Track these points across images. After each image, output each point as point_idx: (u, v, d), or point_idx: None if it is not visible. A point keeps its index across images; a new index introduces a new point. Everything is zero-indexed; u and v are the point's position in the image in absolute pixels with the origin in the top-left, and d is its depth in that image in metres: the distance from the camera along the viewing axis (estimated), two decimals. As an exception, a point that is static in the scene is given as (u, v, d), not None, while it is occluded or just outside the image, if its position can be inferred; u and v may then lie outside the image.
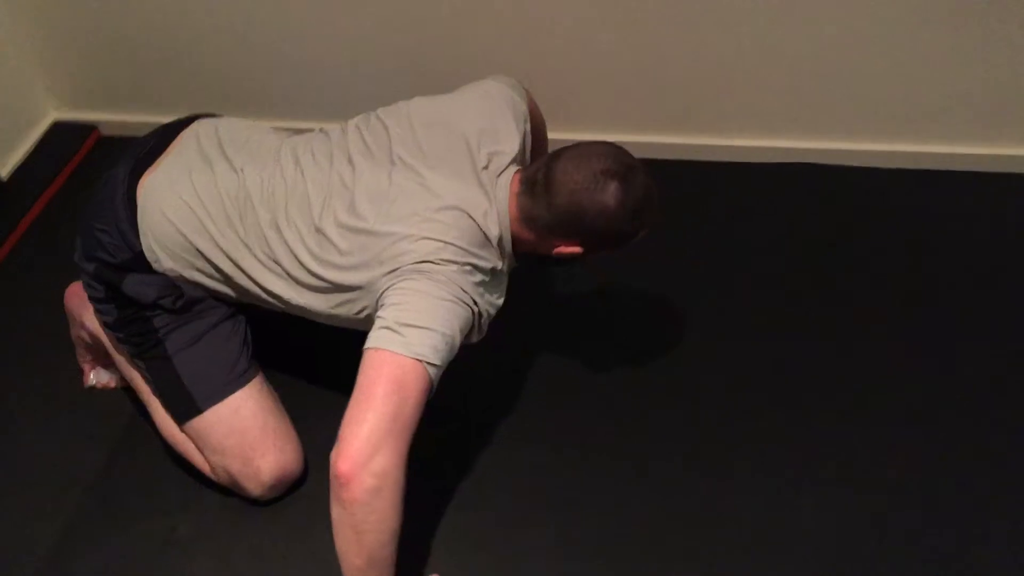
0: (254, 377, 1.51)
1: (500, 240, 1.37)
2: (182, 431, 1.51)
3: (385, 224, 1.31)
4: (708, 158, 2.17)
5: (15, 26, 2.17)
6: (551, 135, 1.80)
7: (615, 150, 1.35)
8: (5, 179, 2.19)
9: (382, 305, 1.28)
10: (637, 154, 1.39)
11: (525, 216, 1.37)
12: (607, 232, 1.35)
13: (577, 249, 1.38)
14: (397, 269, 1.28)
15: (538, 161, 1.39)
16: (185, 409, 1.47)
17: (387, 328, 1.24)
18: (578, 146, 1.36)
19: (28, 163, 2.26)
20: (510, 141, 1.43)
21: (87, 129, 2.36)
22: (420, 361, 1.22)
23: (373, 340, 1.24)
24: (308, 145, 1.45)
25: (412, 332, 1.23)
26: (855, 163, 2.13)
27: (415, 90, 1.58)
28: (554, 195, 1.33)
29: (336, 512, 1.20)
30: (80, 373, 1.73)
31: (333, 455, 1.18)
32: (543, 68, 2.03)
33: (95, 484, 1.57)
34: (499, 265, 1.38)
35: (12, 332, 1.86)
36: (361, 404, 1.20)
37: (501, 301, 1.41)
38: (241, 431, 1.46)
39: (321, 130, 1.51)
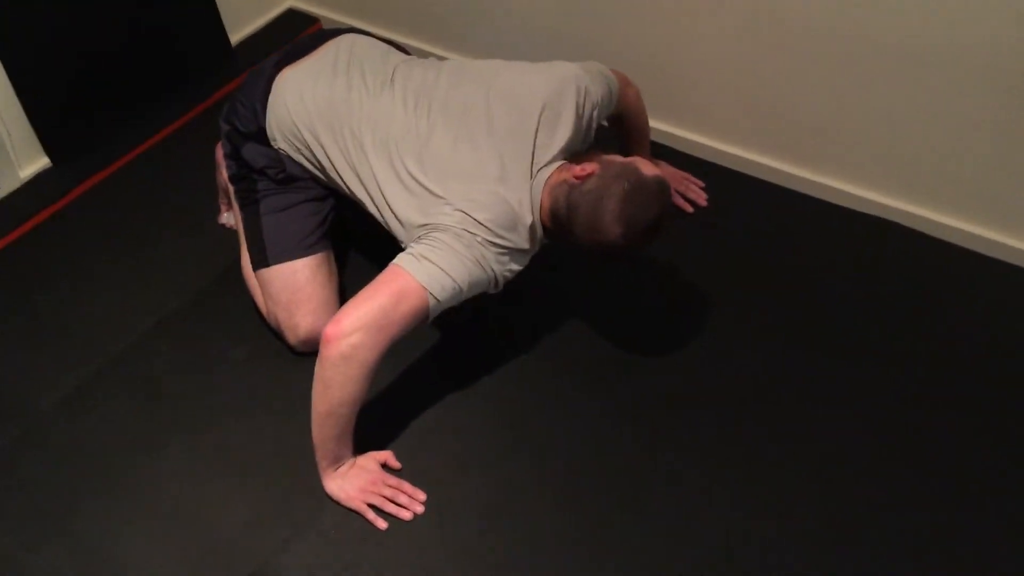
0: (319, 252, 1.82)
1: (532, 226, 1.58)
2: (255, 276, 1.86)
3: (439, 187, 1.57)
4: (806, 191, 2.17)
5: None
6: (677, 131, 2.02)
7: (627, 211, 1.50)
8: (233, 47, 2.64)
9: (415, 242, 1.54)
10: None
11: (557, 230, 1.59)
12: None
13: None
14: (431, 224, 1.54)
15: (561, 191, 1.55)
16: (259, 258, 1.82)
17: (412, 255, 1.51)
18: (591, 206, 1.51)
19: (254, 38, 2.70)
20: (563, 132, 1.60)
21: (311, 20, 2.76)
22: (425, 289, 1.47)
23: (397, 258, 1.52)
24: (406, 82, 1.70)
25: (430, 266, 1.49)
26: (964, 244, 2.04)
27: (545, 51, 1.73)
28: (578, 241, 1.56)
29: (316, 364, 1.50)
30: (217, 211, 2.15)
31: (328, 320, 1.48)
32: (683, 69, 2.12)
33: (193, 297, 1.98)
34: (526, 246, 1.59)
35: (196, 166, 2.28)
36: (365, 294, 1.49)
37: (521, 267, 1.62)
38: (292, 289, 1.79)
39: (423, 63, 1.76)
